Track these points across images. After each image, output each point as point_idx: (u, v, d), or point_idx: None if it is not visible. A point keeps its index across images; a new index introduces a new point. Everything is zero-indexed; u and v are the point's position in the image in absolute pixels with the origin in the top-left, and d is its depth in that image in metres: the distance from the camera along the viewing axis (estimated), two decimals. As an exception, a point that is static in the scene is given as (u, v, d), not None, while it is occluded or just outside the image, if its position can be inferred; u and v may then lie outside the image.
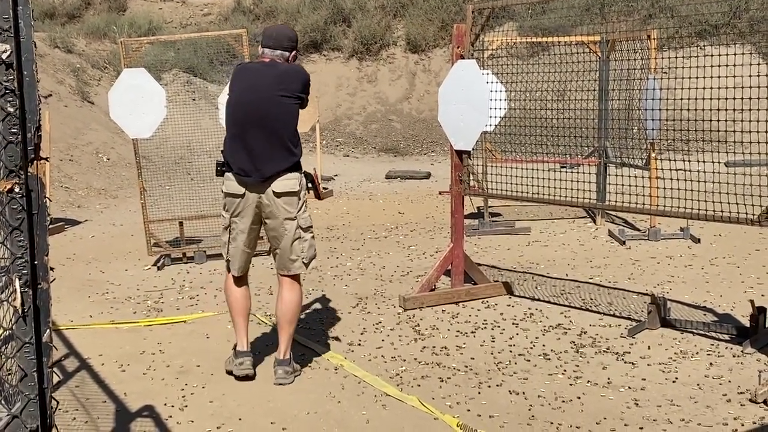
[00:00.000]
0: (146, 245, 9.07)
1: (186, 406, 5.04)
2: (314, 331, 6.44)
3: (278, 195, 5.20)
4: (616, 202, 7.31)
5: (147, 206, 9.08)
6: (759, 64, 5.54)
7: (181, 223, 9.19)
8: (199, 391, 5.27)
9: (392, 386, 5.23)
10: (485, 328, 6.44)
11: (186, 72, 17.25)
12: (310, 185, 5.49)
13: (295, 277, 5.44)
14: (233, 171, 5.29)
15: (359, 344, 6.10)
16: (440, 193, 11.16)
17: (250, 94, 5.28)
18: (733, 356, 5.65)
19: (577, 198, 7.13)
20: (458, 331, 6.35)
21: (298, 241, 5.31)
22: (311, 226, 5.45)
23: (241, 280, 5.60)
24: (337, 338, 6.24)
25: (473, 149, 7.44)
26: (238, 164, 5.26)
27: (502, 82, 7.31)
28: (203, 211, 9.63)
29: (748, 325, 6.04)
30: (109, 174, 14.28)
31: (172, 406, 5.03)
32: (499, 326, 6.46)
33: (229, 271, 5.57)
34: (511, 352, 5.86)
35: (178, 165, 13.18)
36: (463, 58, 7.14)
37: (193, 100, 15.80)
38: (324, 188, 5.90)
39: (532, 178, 7.05)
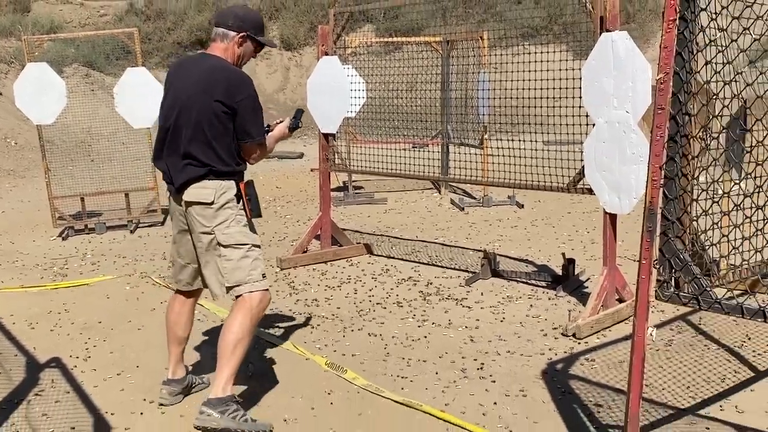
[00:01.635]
0: (51, 219, 8.91)
1: (89, 357, 4.95)
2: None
3: (189, 204, 3.82)
4: (456, 175, 7.47)
5: (51, 184, 8.93)
6: (571, 60, 5.73)
7: (82, 199, 9.03)
8: (101, 344, 5.18)
9: (271, 334, 5.25)
10: (349, 282, 6.52)
11: (85, 66, 16.74)
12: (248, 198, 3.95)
13: (238, 301, 3.81)
14: None
15: (242, 299, 6.09)
16: (311, 170, 11.13)
17: (175, 95, 3.90)
18: (549, 299, 5.89)
19: (425, 172, 7.29)
20: (327, 286, 6.41)
21: (218, 259, 3.81)
22: (243, 244, 3.81)
23: (184, 302, 4.19)
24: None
25: (337, 132, 7.51)
26: (161, 167, 4.00)
27: (361, 76, 7.38)
28: (102, 188, 9.58)
29: (560, 273, 6.32)
30: (16, 156, 13.73)
31: (77, 357, 4.93)
32: (360, 281, 6.55)
33: None
34: (370, 301, 5.95)
35: (79, 147, 12.84)
36: (328, 55, 7.15)
37: (92, 90, 15.35)
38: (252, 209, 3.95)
39: (388, 156, 7.16)
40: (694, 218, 3.08)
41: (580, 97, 5.31)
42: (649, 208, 2.94)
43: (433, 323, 5.43)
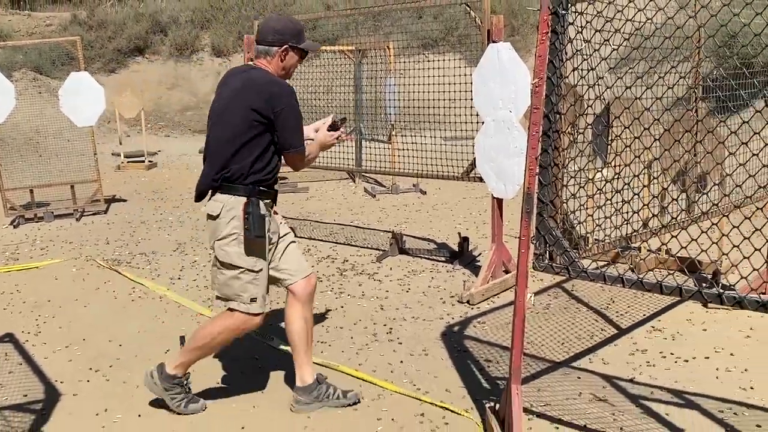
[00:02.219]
0: (3, 209, 8.52)
1: (40, 332, 4.80)
2: (143, 270, 6.24)
3: (205, 213, 3.44)
4: (368, 166, 7.49)
5: (3, 177, 8.51)
6: (464, 67, 5.81)
7: (31, 190, 8.73)
8: (50, 320, 5.02)
9: (205, 308, 5.18)
10: (274, 261, 6.47)
11: (33, 71, 16.07)
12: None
13: (228, 315, 3.49)
14: None
15: (179, 278, 5.98)
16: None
17: (218, 105, 3.48)
18: (447, 272, 5.96)
19: (342, 164, 7.28)
20: (254, 264, 6.35)
21: (214, 269, 3.49)
22: (235, 266, 3.36)
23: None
24: (159, 275, 6.08)
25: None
26: None
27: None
28: (50, 180, 9.24)
29: (457, 250, 6.41)
30: (-31, 153, 13.14)
31: (29, 333, 4.77)
32: (284, 259, 6.50)
33: None
34: (293, 277, 5.92)
35: (28, 144, 12.34)
36: (253, 61, 7.03)
37: (39, 93, 14.76)
38: (255, 235, 3.33)
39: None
40: (564, 201, 3.18)
41: (472, 99, 5.39)
42: (527, 192, 3.02)
43: (348, 295, 5.45)
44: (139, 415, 3.59)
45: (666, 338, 4.39)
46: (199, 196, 3.49)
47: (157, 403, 3.62)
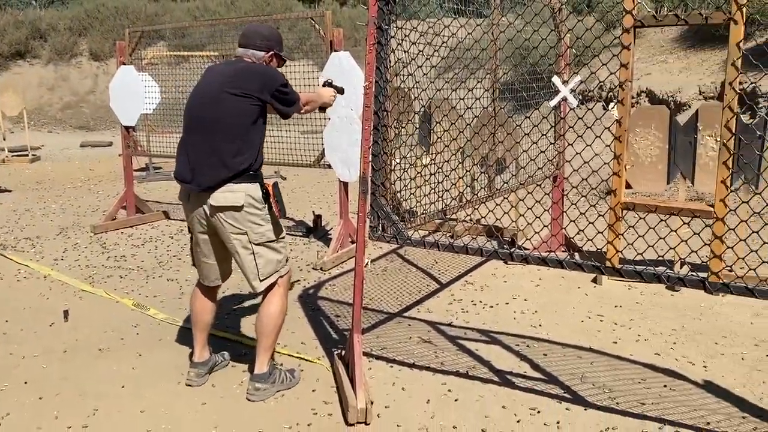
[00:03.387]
0: None
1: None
2: (27, 253, 5.76)
3: (217, 209, 3.00)
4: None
5: None
6: (315, 71, 5.79)
7: None
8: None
9: (87, 284, 4.87)
10: (151, 241, 6.17)
11: None
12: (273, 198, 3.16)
13: (270, 289, 3.15)
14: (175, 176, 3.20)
15: (62, 259, 5.57)
16: (119, 155, 10.34)
17: (197, 95, 3.11)
18: (304, 244, 5.93)
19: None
20: (132, 245, 6.02)
21: (251, 257, 3.06)
22: (272, 240, 3.10)
23: (208, 291, 3.34)
24: (44, 257, 5.65)
25: (137, 125, 7.03)
26: (178, 170, 3.15)
27: (156, 81, 6.96)
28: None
29: (312, 225, 6.40)
30: None
31: None
32: (160, 240, 6.21)
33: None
34: (168, 254, 5.69)
35: None
36: (125, 65, 6.66)
37: None
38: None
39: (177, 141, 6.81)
40: (392, 183, 3.26)
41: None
42: (362, 176, 3.07)
43: (218, 267, 5.30)
44: (26, 382, 3.34)
45: (476, 289, 4.62)
46: (209, 189, 3.00)
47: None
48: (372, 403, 2.96)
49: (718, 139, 2.63)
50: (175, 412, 3.04)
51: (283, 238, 3.18)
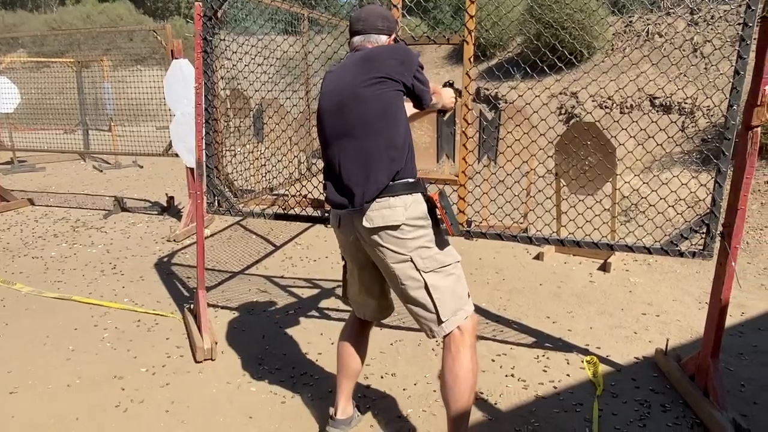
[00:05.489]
0: None
1: None
2: None
3: (371, 231, 1.82)
4: (95, 148, 6.60)
5: None
6: (164, 76, 5.37)
7: None
8: None
9: (-54, 268, 4.17)
10: (17, 225, 5.38)
11: None
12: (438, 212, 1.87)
13: (452, 338, 1.83)
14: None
15: None
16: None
17: (327, 104, 1.88)
18: (159, 221, 5.53)
19: (72, 148, 6.33)
20: (-5, 230, 5.25)
21: (423, 292, 1.81)
22: (446, 265, 1.84)
23: (362, 329, 2.13)
24: None
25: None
26: (328, 193, 1.93)
27: (16, 84, 6.05)
28: None
29: (166, 205, 5.99)
30: None
31: None
32: (25, 223, 5.43)
33: None
34: (33, 235, 5.00)
35: None
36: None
37: None
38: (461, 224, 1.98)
39: (45, 138, 6.10)
40: (224, 166, 3.17)
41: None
42: (198, 161, 2.94)
43: (80, 245, 4.78)
44: None
45: (303, 248, 4.65)
46: (361, 207, 1.83)
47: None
48: (216, 343, 2.90)
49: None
50: (40, 370, 2.74)
51: (458, 262, 1.91)
